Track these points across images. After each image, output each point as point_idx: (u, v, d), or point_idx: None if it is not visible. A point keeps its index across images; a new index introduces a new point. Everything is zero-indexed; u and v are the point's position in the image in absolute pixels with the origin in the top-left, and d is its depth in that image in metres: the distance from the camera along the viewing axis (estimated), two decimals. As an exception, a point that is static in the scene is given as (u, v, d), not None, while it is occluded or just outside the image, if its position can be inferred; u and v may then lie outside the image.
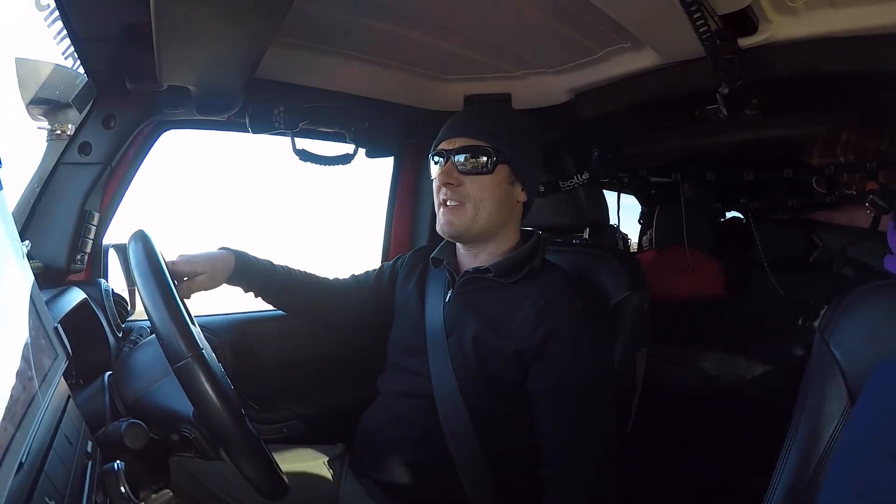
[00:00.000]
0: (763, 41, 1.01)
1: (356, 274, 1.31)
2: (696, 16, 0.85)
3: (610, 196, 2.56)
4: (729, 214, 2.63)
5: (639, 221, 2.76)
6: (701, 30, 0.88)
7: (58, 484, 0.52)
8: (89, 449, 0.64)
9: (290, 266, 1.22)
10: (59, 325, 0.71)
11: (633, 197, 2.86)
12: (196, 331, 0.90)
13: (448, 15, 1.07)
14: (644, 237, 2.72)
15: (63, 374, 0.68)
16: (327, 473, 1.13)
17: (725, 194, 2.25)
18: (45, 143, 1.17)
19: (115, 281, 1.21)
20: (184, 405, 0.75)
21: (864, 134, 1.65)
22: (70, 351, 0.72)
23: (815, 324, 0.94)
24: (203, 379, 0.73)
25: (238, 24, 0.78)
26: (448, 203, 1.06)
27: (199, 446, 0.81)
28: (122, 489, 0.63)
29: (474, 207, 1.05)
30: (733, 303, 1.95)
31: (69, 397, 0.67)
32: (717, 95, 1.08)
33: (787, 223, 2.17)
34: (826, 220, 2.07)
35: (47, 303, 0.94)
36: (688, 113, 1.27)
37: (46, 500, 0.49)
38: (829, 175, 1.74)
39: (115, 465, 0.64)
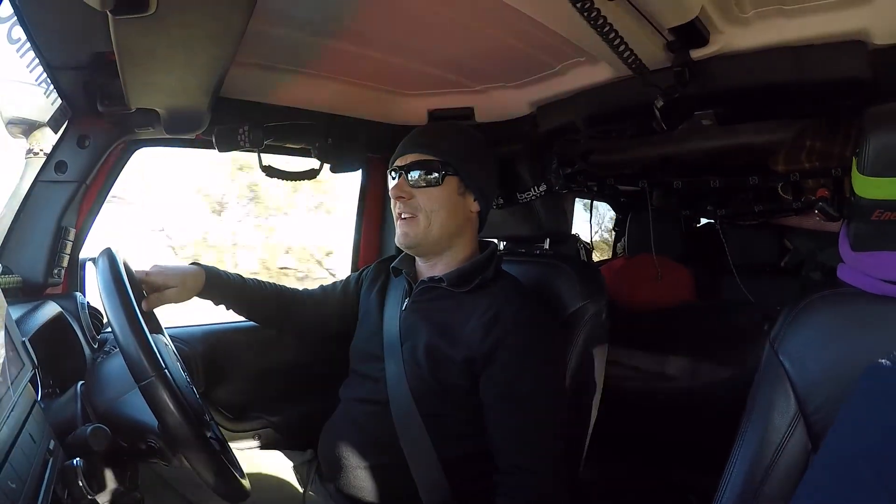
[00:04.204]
0: (715, 52, 1.02)
1: (324, 285, 1.35)
2: (613, 39, 0.88)
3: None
4: (704, 221, 2.65)
5: (613, 229, 2.79)
6: (620, 48, 0.91)
7: (20, 472, 0.61)
8: (51, 447, 0.72)
9: (260, 279, 1.27)
10: (26, 340, 0.77)
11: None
12: (161, 344, 0.95)
13: (406, 35, 1.10)
14: (618, 244, 2.76)
15: (30, 382, 0.75)
16: (295, 479, 1.16)
17: (693, 201, 2.28)
18: (24, 162, 1.22)
19: (91, 294, 1.26)
20: (150, 417, 0.81)
21: (830, 140, 1.67)
22: (36, 362, 0.78)
23: None
24: (166, 396, 0.78)
25: (195, 52, 0.83)
26: (403, 216, 1.11)
27: (164, 455, 0.86)
28: (80, 483, 0.70)
29: (426, 218, 1.10)
30: (700, 308, 1.97)
31: (35, 402, 0.73)
32: (654, 108, 1.11)
33: (758, 228, 2.19)
34: (797, 225, 2.09)
35: (23, 316, 1.00)
36: (646, 123, 1.29)
37: (9, 483, 0.57)
38: (795, 181, 1.77)
39: (75, 461, 0.71)
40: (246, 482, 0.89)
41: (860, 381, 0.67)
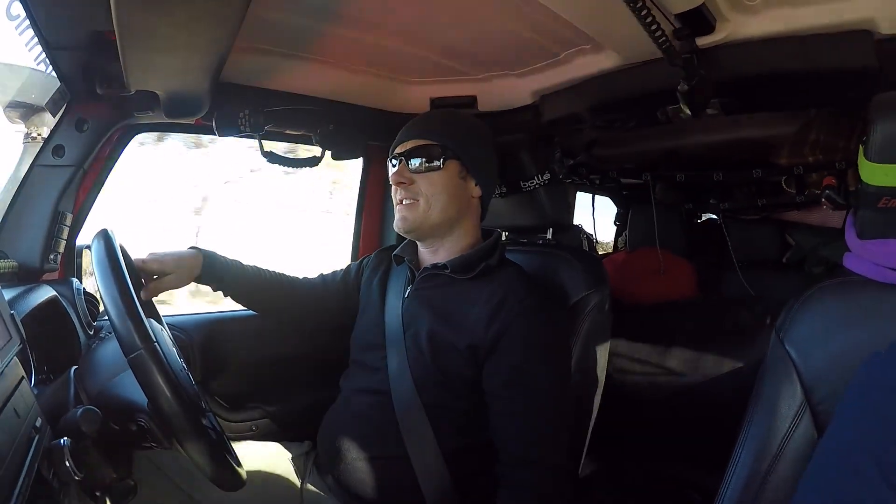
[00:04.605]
0: (722, 40, 1.01)
1: (324, 273, 1.34)
2: (645, 17, 0.86)
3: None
4: (705, 216, 2.65)
5: (614, 223, 2.78)
6: (652, 27, 0.89)
7: (0, 448, 0.58)
8: (38, 424, 0.70)
9: (260, 266, 1.26)
10: (14, 313, 0.75)
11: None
12: (158, 330, 0.93)
13: (410, 21, 1.09)
14: (619, 238, 2.75)
15: (21, 361, 0.73)
16: (292, 471, 1.15)
17: (696, 195, 2.27)
18: (22, 146, 1.21)
19: (88, 280, 1.24)
20: (140, 396, 0.79)
21: (834, 133, 1.66)
22: (25, 337, 0.76)
23: None
24: (155, 370, 0.76)
25: (196, 33, 0.82)
26: (403, 201, 1.10)
27: (155, 435, 0.85)
28: (67, 463, 0.68)
29: (426, 202, 1.09)
30: (702, 302, 1.96)
31: (22, 377, 0.72)
32: (678, 94, 1.09)
33: (761, 223, 2.19)
34: (799, 220, 2.09)
35: (16, 298, 0.98)
36: (651, 113, 1.28)
37: None
38: (798, 175, 1.76)
39: (62, 441, 0.69)
40: (242, 470, 0.88)
41: (858, 371, 0.67)
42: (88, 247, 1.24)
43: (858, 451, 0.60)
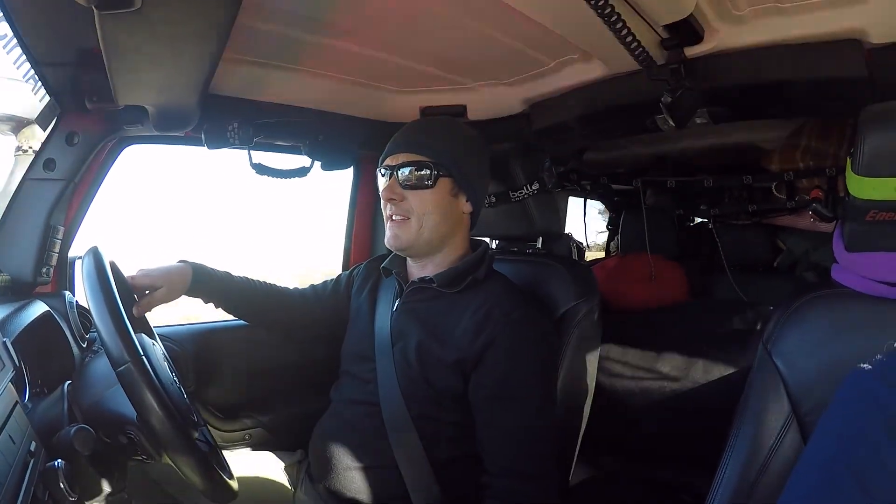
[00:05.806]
0: (710, 50, 1.01)
1: (315, 284, 1.34)
2: (621, 30, 0.87)
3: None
4: (697, 220, 2.65)
5: (607, 227, 2.79)
6: (630, 42, 0.90)
7: None
8: (32, 449, 0.70)
9: (249, 277, 1.26)
10: (6, 340, 0.76)
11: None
12: (149, 344, 0.94)
13: (398, 31, 1.09)
14: (611, 243, 2.75)
15: (14, 383, 0.74)
16: (284, 479, 1.16)
17: (687, 200, 2.28)
18: (13, 158, 1.21)
19: (81, 293, 1.25)
20: (130, 409, 0.80)
21: (825, 139, 1.67)
22: (18, 362, 0.77)
23: None
24: (142, 383, 0.77)
25: (182, 49, 0.82)
26: (394, 218, 1.09)
27: (144, 448, 0.85)
28: (62, 485, 0.68)
29: (418, 221, 1.08)
30: (694, 308, 1.97)
31: (16, 403, 0.72)
32: (661, 105, 1.10)
33: (751, 228, 2.19)
34: (790, 224, 2.09)
35: (9, 316, 0.99)
36: (639, 122, 1.28)
37: None
38: (789, 181, 1.77)
39: (56, 463, 0.70)
40: (234, 482, 0.89)
41: (841, 385, 0.67)
42: (81, 258, 1.25)
43: (839, 465, 0.60)
